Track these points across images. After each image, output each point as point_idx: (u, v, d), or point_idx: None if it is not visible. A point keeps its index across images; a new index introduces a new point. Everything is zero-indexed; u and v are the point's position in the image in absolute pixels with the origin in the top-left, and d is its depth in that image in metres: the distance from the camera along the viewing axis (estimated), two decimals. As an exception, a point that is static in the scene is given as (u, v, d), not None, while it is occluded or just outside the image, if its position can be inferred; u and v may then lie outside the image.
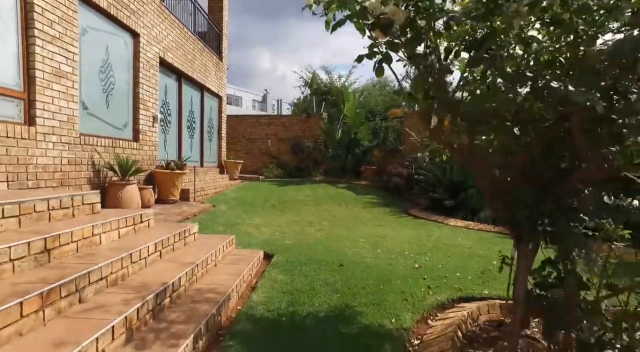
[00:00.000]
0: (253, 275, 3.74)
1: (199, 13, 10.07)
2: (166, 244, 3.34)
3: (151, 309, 2.33)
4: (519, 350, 1.85)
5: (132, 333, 2.10)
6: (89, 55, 5.37)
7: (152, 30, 7.02)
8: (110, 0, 5.64)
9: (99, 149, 5.41)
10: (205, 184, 8.85)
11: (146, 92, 6.85)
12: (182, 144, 8.97)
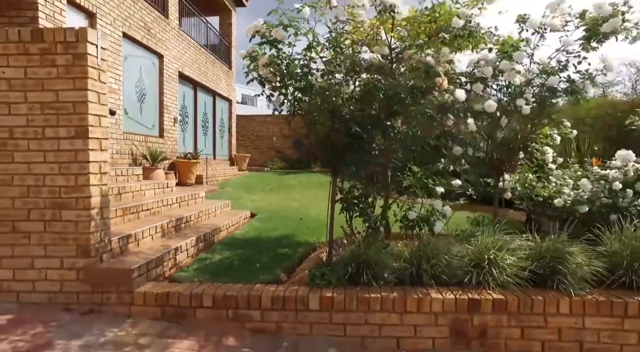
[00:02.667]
0: (239, 222, 5.65)
1: (210, 30, 12.10)
2: (183, 200, 5.30)
3: (173, 226, 4.26)
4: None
5: (163, 233, 4.03)
6: (129, 75, 7.41)
7: (172, 51, 9.05)
8: (143, 34, 7.68)
9: (136, 143, 7.45)
10: (216, 172, 10.85)
11: (168, 100, 8.88)
12: (197, 140, 11.01)
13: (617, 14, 2.89)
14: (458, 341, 2.79)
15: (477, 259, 3.00)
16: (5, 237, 2.88)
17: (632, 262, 2.89)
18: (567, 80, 2.94)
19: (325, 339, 2.81)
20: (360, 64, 3.15)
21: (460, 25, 2.68)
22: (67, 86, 2.87)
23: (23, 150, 2.86)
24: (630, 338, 2.72)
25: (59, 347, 2.39)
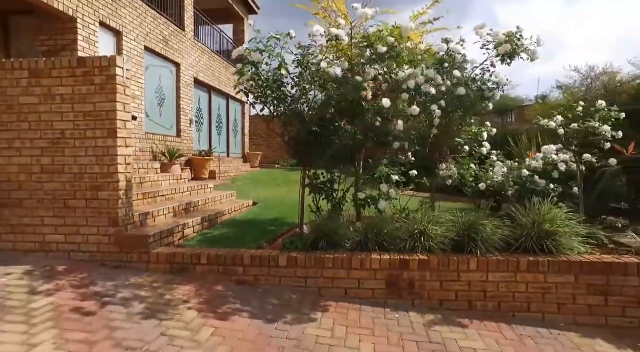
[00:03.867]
0: (242, 209, 6.61)
1: (224, 38, 13.17)
2: (193, 190, 6.31)
3: (184, 209, 5.25)
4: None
5: (175, 214, 5.03)
6: (150, 83, 8.51)
7: (188, 60, 10.13)
8: (162, 46, 8.77)
9: (156, 142, 8.54)
10: (228, 168, 11.90)
11: (185, 103, 9.97)
12: (212, 139, 12.10)
13: (511, 41, 3.67)
14: (392, 291, 3.65)
15: (412, 230, 3.84)
16: (59, 211, 3.92)
17: (532, 232, 3.68)
18: (478, 89, 3.72)
19: (291, 289, 3.72)
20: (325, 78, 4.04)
21: (384, 51, 3.53)
22: (102, 99, 3.87)
23: (71, 147, 3.88)
24: (521, 287, 3.52)
25: (99, 286, 3.39)
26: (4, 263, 3.67)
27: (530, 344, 3.07)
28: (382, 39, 3.57)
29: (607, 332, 3.36)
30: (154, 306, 3.12)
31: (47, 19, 6.19)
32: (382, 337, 3.00)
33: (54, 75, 3.89)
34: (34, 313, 2.79)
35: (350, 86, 3.58)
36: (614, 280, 3.44)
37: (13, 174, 3.93)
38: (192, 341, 2.66)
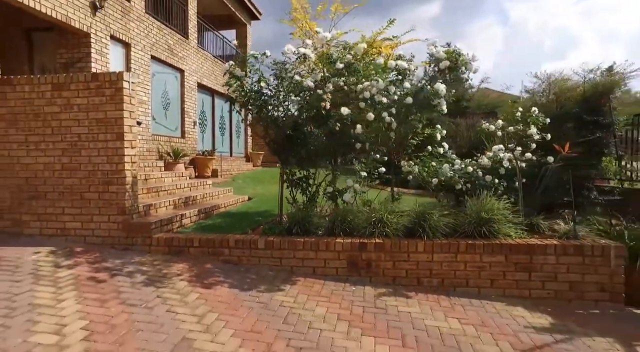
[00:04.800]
0: (237, 203, 7.34)
1: (226, 43, 13.93)
2: (193, 186, 7.05)
3: (183, 202, 5.99)
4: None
5: (175, 206, 5.77)
6: (156, 88, 9.29)
7: (192, 66, 10.91)
8: (167, 54, 9.55)
9: (162, 142, 9.32)
10: (230, 167, 12.64)
11: (189, 107, 10.74)
12: (215, 140, 12.87)
13: (450, 58, 4.31)
14: (352, 270, 4.33)
15: (371, 219, 4.51)
16: (77, 202, 4.68)
17: (472, 219, 4.32)
18: (423, 98, 4.35)
19: (268, 267, 4.42)
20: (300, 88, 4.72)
21: (341, 67, 4.19)
22: (111, 108, 4.62)
23: (86, 148, 4.64)
24: (460, 266, 4.17)
25: (109, 262, 4.13)
26: (34, 244, 4.45)
27: (458, 310, 3.73)
28: (341, 58, 4.24)
29: (529, 302, 3.99)
30: (153, 278, 3.85)
31: (65, 34, 6.99)
32: (336, 303, 3.68)
33: (72, 88, 4.66)
34: (59, 280, 3.54)
35: (313, 97, 4.26)
36: (535, 259, 4.07)
37: (39, 171, 4.71)
38: (180, 301, 3.38)
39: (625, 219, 4.65)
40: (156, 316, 3.06)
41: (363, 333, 3.11)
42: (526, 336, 3.27)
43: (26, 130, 4.69)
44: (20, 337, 2.54)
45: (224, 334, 2.89)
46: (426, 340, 3.08)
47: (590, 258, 4.01)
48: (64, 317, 2.88)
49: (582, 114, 5.43)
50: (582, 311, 3.89)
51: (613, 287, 3.98)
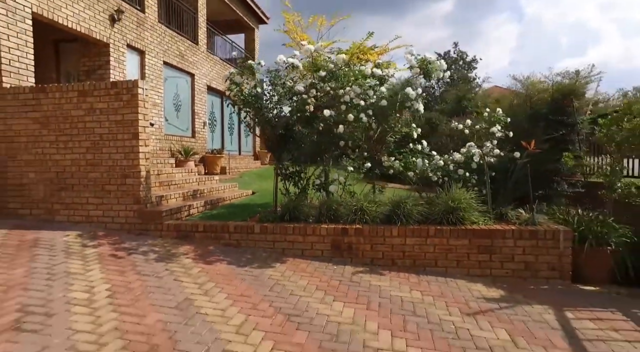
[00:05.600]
0: (241, 196, 8.01)
1: (235, 47, 14.66)
2: (201, 181, 7.75)
3: (191, 194, 6.69)
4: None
5: (184, 198, 6.47)
6: (168, 91, 10.04)
7: (202, 70, 11.64)
8: (178, 60, 10.29)
9: (173, 141, 10.07)
10: (239, 165, 13.37)
11: (199, 108, 11.48)
12: (224, 139, 13.61)
13: (422, 66, 4.88)
14: (335, 252, 4.94)
15: (354, 208, 5.12)
16: (99, 193, 5.40)
17: (442, 208, 4.88)
18: (400, 100, 4.92)
19: (263, 249, 5.07)
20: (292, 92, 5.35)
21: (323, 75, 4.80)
22: (128, 111, 5.32)
23: (107, 146, 5.36)
24: (430, 249, 4.74)
25: (126, 244, 4.84)
26: (63, 229, 5.19)
27: (424, 285, 4.31)
28: (325, 66, 4.85)
29: (489, 280, 4.55)
30: (163, 256, 4.53)
31: (87, 45, 7.77)
32: (317, 278, 4.30)
33: (95, 94, 5.38)
34: (86, 256, 4.26)
35: (299, 101, 4.88)
36: (496, 242, 4.62)
37: (67, 166, 5.45)
38: (185, 273, 4.04)
39: (582, 207, 5.13)
40: (165, 283, 3.73)
41: (335, 299, 3.73)
42: (475, 304, 3.84)
43: (57, 131, 5.44)
44: (61, 293, 3.24)
45: (219, 296, 3.54)
46: (388, 305, 3.68)
47: (543, 241, 4.54)
48: (92, 281, 3.58)
49: (549, 115, 5.92)
50: (534, 287, 4.43)
51: (562, 266, 4.51)
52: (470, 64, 28.75)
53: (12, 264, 3.80)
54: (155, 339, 2.70)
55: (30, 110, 5.47)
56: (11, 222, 5.32)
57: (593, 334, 3.31)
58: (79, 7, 7.08)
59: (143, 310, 3.12)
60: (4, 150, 5.55)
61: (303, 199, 5.48)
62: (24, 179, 5.54)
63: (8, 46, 5.71)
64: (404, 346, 2.92)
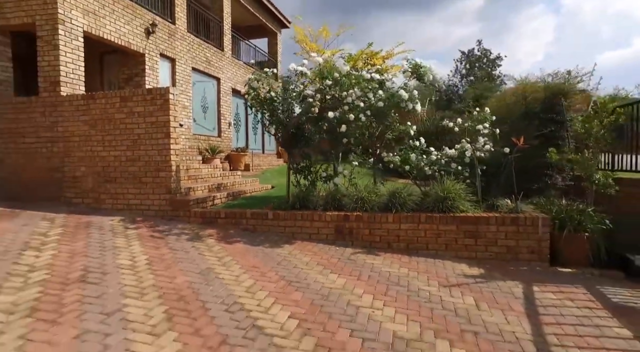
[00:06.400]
0: (261, 190, 8.80)
1: (258, 51, 15.54)
2: (225, 176, 8.60)
3: (215, 187, 7.53)
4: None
5: (209, 190, 7.30)
6: (196, 95, 10.99)
7: (227, 74, 12.56)
8: (205, 65, 11.23)
9: (201, 141, 11.01)
10: (262, 162, 14.23)
11: (224, 110, 12.40)
12: (248, 138, 14.51)
13: (415, 70, 5.45)
14: (338, 236, 5.61)
15: (355, 197, 5.76)
16: (137, 184, 6.30)
17: (434, 197, 5.45)
18: (395, 102, 5.50)
19: (275, 233, 5.80)
20: (303, 96, 6.06)
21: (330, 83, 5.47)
22: (161, 114, 6.19)
23: (144, 144, 6.24)
24: (422, 233, 5.32)
25: (160, 227, 5.69)
26: (109, 215, 6.13)
27: (413, 264, 4.91)
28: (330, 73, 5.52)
29: (474, 262, 5.09)
30: (190, 236, 5.35)
31: (126, 55, 8.77)
32: (319, 256, 4.99)
33: (134, 100, 6.28)
34: (128, 235, 5.13)
35: (306, 104, 5.57)
36: (480, 228, 5.15)
37: (111, 161, 6.39)
38: (208, 250, 4.83)
39: (569, 199, 5.54)
40: (191, 256, 4.53)
41: (332, 272, 4.40)
42: (454, 279, 4.42)
43: (103, 132, 6.39)
44: (111, 260, 4.09)
45: (234, 267, 4.29)
46: (376, 277, 4.32)
47: (524, 227, 5.03)
48: (134, 253, 4.42)
49: (540, 112, 6.30)
50: (514, 268, 4.94)
51: (541, 250, 4.98)
52: (494, 61, 28.54)
53: (73, 239, 4.70)
54: (182, 292, 3.48)
55: (81, 114, 6.45)
56: (67, 209, 6.31)
57: (550, 302, 3.83)
58: (120, 23, 8.06)
59: (173, 274, 3.91)
60: (62, 148, 6.57)
61: (312, 190, 6.17)
62: (77, 173, 6.52)
63: (65, 61, 6.72)
64: (382, 305, 3.57)
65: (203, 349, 2.61)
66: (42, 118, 6.66)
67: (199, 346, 2.64)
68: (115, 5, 7.94)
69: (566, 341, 3.06)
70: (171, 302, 3.26)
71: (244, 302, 3.38)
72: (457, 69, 31.60)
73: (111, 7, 7.83)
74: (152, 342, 2.64)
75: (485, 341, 3.01)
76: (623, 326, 3.34)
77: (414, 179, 6.26)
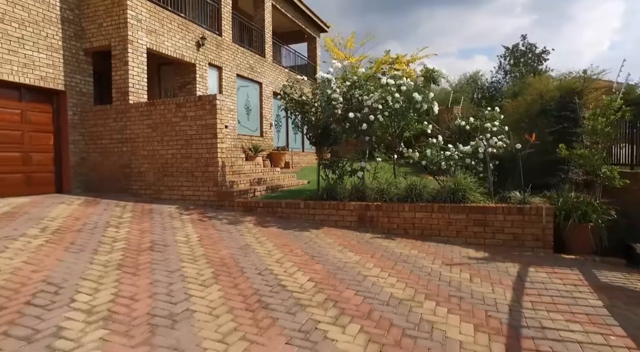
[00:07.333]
0: (297, 184, 9.69)
1: (298, 56, 16.50)
2: (266, 172, 9.57)
3: (256, 181, 8.50)
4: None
5: (250, 183, 8.28)
6: (240, 99, 12.11)
7: (268, 78, 13.61)
8: (248, 71, 12.33)
9: (245, 140, 12.12)
10: (301, 160, 15.18)
11: (266, 112, 13.46)
12: (288, 138, 15.51)
13: (426, 74, 5.98)
14: (360, 223, 6.32)
15: (378, 189, 6.44)
16: (189, 178, 7.40)
17: (446, 190, 6.00)
18: (413, 103, 6.07)
19: (305, 220, 6.62)
20: (330, 99, 6.83)
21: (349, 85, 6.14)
22: (209, 117, 7.22)
23: (195, 143, 7.32)
24: (434, 221, 5.90)
25: (209, 214, 6.72)
26: (167, 203, 7.27)
27: (424, 247, 5.52)
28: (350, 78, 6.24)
29: (481, 247, 5.60)
30: (233, 221, 6.31)
31: (180, 66, 10.02)
32: (341, 238, 5.74)
33: (187, 106, 7.38)
34: (183, 220, 6.18)
35: (330, 107, 6.33)
36: (489, 217, 5.64)
37: (169, 159, 7.54)
38: (247, 232, 5.75)
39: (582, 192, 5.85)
40: (233, 236, 5.46)
41: (350, 251, 5.14)
42: (458, 259, 5.00)
43: (161, 133, 7.55)
44: (171, 237, 5.12)
45: (268, 244, 5.16)
46: (388, 256, 5.00)
47: (529, 216, 5.47)
48: (188, 232, 5.43)
49: (553, 110, 6.56)
50: (518, 253, 5.40)
51: (545, 237, 5.40)
52: (540, 56, 27.59)
53: (140, 221, 5.82)
54: (225, 260, 4.39)
55: (145, 118, 7.66)
56: (134, 198, 7.55)
57: (539, 279, 4.33)
58: (176, 39, 9.27)
59: (219, 248, 4.85)
60: (129, 148, 7.83)
61: (339, 183, 6.93)
62: (141, 168, 7.75)
63: (132, 74, 7.99)
64: (387, 276, 4.26)
65: (239, 296, 3.47)
66: (114, 123, 7.97)
67: (236, 294, 3.51)
68: (172, 24, 9.16)
69: (539, 306, 3.60)
70: (216, 266, 4.17)
71: (273, 269, 4.22)
72: (500, 65, 30.84)
73: (169, 26, 9.05)
74: (203, 290, 3.54)
75: (467, 303, 3.63)
76: (598, 299, 3.80)
77: (432, 173, 6.83)
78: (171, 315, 2.97)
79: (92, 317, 2.85)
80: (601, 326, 3.23)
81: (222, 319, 2.98)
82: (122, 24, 7.92)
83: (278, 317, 3.08)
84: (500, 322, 3.24)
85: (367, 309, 3.36)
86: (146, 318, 2.90)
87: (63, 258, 4.00)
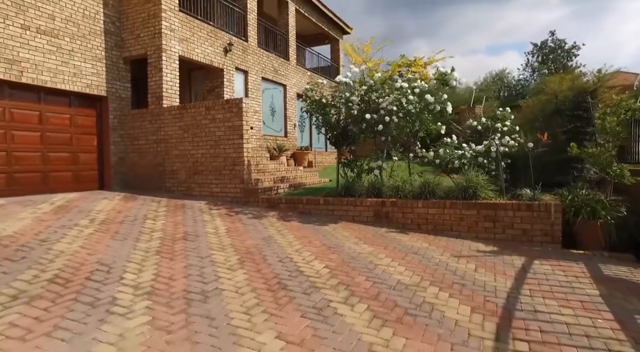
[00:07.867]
0: (319, 182, 10.12)
1: (321, 58, 16.93)
2: (289, 170, 10.06)
3: (279, 179, 8.99)
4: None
5: (274, 182, 8.78)
6: (265, 100, 12.67)
7: (292, 80, 14.12)
8: (273, 74, 12.88)
9: (269, 140, 12.67)
10: (324, 160, 15.60)
11: (290, 113, 13.98)
12: (312, 138, 15.98)
13: (440, 76, 6.25)
14: (376, 218, 6.68)
15: (394, 187, 6.79)
16: (218, 176, 7.97)
17: (458, 187, 6.27)
18: (424, 106, 6.34)
19: (325, 215, 7.05)
20: (348, 101, 7.23)
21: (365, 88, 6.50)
22: (236, 119, 7.76)
23: (223, 144, 7.88)
24: (447, 217, 6.19)
25: (235, 209, 7.25)
26: (197, 200, 7.88)
27: (436, 241, 5.83)
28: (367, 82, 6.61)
29: (491, 242, 5.84)
30: (257, 216, 6.81)
31: (209, 70, 10.66)
32: (358, 232, 6.12)
33: (216, 109, 7.95)
34: (212, 214, 6.74)
35: (347, 109, 6.72)
36: (499, 213, 5.88)
37: (199, 158, 8.15)
38: (270, 225, 6.23)
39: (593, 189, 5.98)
40: (257, 228, 5.96)
41: (364, 243, 5.53)
42: (467, 252, 5.29)
43: (192, 135, 8.16)
44: (202, 228, 5.67)
45: (289, 236, 5.62)
46: (400, 248, 5.35)
47: (537, 212, 5.68)
48: (216, 225, 5.97)
49: (567, 109, 6.66)
50: (527, 248, 5.62)
51: (553, 233, 5.59)
52: (569, 51, 26.90)
53: (174, 214, 6.42)
54: (250, 249, 4.87)
55: (177, 121, 8.30)
56: (167, 195, 8.20)
57: (542, 271, 4.57)
58: (205, 46, 9.91)
59: (244, 238, 5.35)
60: (163, 148, 8.50)
61: (357, 180, 7.32)
62: (174, 167, 8.40)
63: (166, 80, 8.66)
64: (396, 265, 4.63)
65: (261, 279, 3.93)
66: (149, 125, 8.66)
67: (259, 277, 3.97)
68: (201, 32, 9.80)
69: (536, 293, 3.87)
70: (242, 254, 4.67)
71: (292, 257, 4.67)
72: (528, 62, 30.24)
73: (199, 34, 9.70)
74: (229, 273, 4.03)
75: (468, 289, 3.95)
76: (596, 289, 4.03)
77: (446, 171, 7.10)
78: (203, 292, 3.47)
79: (139, 291, 3.38)
80: (592, 311, 3.49)
81: (247, 296, 3.45)
82: (157, 34, 8.60)
83: (295, 296, 3.52)
84: (496, 306, 3.56)
85: (375, 292, 3.74)
86: (182, 294, 3.41)
87: (111, 244, 4.60)
